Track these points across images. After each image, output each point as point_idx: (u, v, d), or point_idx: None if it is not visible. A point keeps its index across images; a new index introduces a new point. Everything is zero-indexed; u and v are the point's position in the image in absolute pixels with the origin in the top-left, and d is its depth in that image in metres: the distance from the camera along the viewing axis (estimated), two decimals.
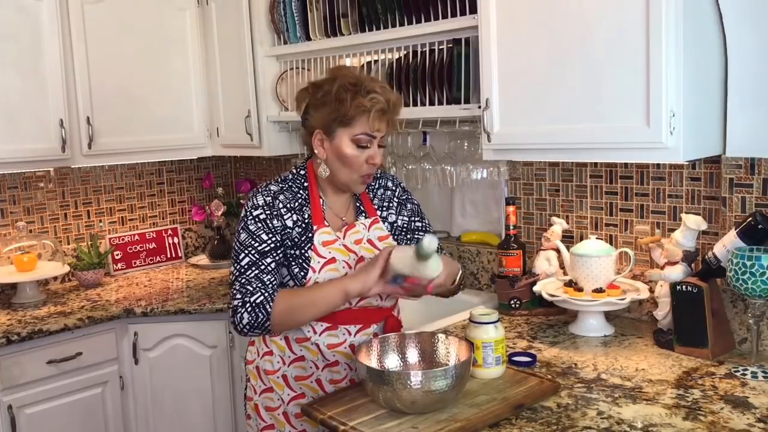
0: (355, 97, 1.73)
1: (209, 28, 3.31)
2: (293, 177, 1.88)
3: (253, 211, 1.80)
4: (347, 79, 1.76)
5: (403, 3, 2.52)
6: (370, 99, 1.73)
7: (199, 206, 3.67)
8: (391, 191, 2.01)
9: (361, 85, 1.75)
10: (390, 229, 1.95)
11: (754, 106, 1.93)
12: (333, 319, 1.82)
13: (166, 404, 2.91)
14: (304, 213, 1.83)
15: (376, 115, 1.75)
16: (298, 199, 1.84)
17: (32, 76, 2.82)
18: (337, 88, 1.75)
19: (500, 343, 1.77)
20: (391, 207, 1.98)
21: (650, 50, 1.81)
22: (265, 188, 1.84)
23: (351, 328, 1.84)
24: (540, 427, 1.55)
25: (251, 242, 1.77)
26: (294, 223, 1.81)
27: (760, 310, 1.80)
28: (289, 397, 1.86)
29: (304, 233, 1.81)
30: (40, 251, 3.09)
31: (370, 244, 1.88)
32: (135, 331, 2.85)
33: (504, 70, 2.15)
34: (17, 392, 2.57)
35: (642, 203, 2.31)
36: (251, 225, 1.79)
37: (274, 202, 1.81)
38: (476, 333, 1.76)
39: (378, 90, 1.75)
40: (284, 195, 1.83)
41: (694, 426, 1.53)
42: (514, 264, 2.47)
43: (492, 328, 1.77)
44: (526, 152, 2.21)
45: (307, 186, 1.87)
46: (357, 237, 1.87)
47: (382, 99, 1.74)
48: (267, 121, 3.14)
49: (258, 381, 1.91)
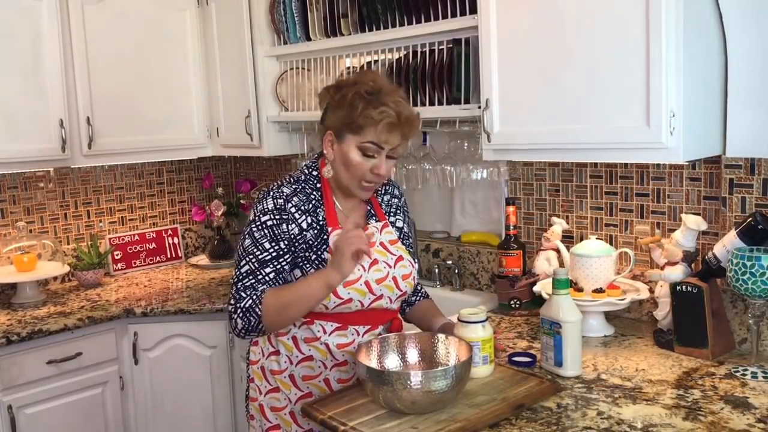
0: (367, 107, 1.73)
1: (209, 28, 3.31)
2: (306, 177, 1.87)
3: (261, 216, 1.79)
4: (365, 87, 1.75)
5: (403, 3, 2.52)
6: (379, 112, 1.72)
7: (199, 206, 3.67)
8: (398, 199, 2.03)
9: (377, 96, 1.74)
10: (399, 235, 1.96)
11: (754, 106, 1.93)
12: (344, 319, 1.82)
13: (166, 404, 2.91)
14: (318, 215, 1.83)
15: (384, 128, 1.73)
16: (311, 201, 1.83)
17: (32, 76, 2.82)
18: (353, 94, 1.75)
19: (487, 343, 1.76)
20: (398, 214, 2.02)
21: (650, 50, 1.81)
22: (278, 190, 1.82)
23: (360, 329, 1.85)
24: (540, 427, 1.55)
25: (253, 250, 1.77)
26: (308, 225, 1.81)
27: (760, 310, 1.80)
28: (296, 396, 1.86)
29: (319, 235, 1.81)
30: (40, 251, 3.09)
31: (382, 247, 1.89)
32: (135, 331, 2.85)
33: (504, 70, 2.15)
34: (17, 392, 2.57)
35: (642, 203, 2.31)
36: (256, 232, 1.78)
37: (285, 206, 1.79)
38: (464, 332, 1.76)
39: (391, 104, 1.73)
40: (298, 197, 1.81)
41: (694, 426, 1.53)
42: (514, 264, 2.47)
43: (480, 327, 1.77)
44: (526, 152, 2.21)
45: (320, 187, 1.86)
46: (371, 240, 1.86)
47: (392, 113, 1.73)
48: (267, 121, 3.14)
49: (263, 381, 1.91)
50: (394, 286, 1.86)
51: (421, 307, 2.07)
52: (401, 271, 1.88)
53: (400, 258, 1.90)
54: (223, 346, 2.89)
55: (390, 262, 1.87)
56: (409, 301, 2.08)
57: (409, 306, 2.08)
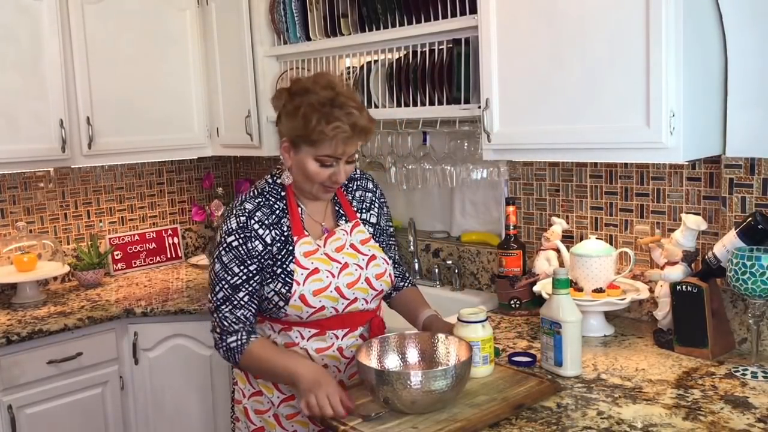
0: (320, 122, 1.67)
1: (209, 28, 3.31)
2: (270, 188, 1.85)
3: (226, 238, 1.77)
4: (317, 97, 1.69)
5: (403, 3, 2.52)
6: (333, 128, 1.67)
7: (199, 206, 3.67)
8: (372, 192, 1.99)
9: (330, 107, 1.68)
10: (372, 231, 1.93)
11: (754, 106, 1.93)
12: (320, 325, 1.82)
13: (166, 404, 2.91)
14: (283, 226, 1.80)
15: (340, 142, 1.70)
16: (275, 212, 1.81)
17: (32, 76, 2.82)
18: (306, 106, 1.70)
19: (487, 342, 1.76)
20: (372, 208, 1.97)
21: (650, 50, 1.81)
22: (240, 207, 1.80)
23: (338, 332, 1.84)
24: (540, 427, 1.55)
25: (224, 275, 1.76)
26: (273, 239, 1.78)
27: (760, 310, 1.80)
28: (279, 399, 1.86)
29: (284, 247, 1.79)
30: (40, 251, 3.09)
31: (353, 249, 1.86)
32: (135, 331, 2.85)
33: (504, 70, 2.15)
34: (17, 392, 2.57)
35: (642, 203, 2.31)
36: (224, 256, 1.77)
37: (248, 222, 1.77)
38: (464, 332, 1.76)
39: (343, 118, 1.67)
40: (261, 212, 1.79)
41: (694, 426, 1.53)
42: (514, 264, 2.47)
43: (480, 327, 1.76)
44: (526, 152, 2.21)
45: (284, 195, 1.84)
46: (338, 244, 1.85)
47: (346, 128, 1.68)
48: (267, 121, 3.14)
49: (246, 384, 1.91)
50: (368, 287, 1.84)
51: (406, 295, 2.04)
52: (374, 270, 1.86)
53: (372, 257, 1.87)
54: None
55: (361, 263, 1.85)
56: (397, 286, 2.05)
57: (396, 291, 2.05)
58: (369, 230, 1.93)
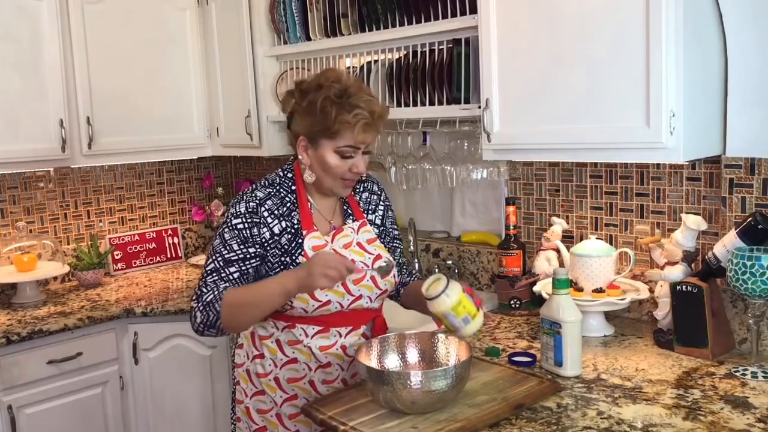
0: (340, 111, 1.72)
1: (209, 28, 3.31)
2: (281, 180, 1.87)
3: (232, 219, 1.80)
4: (332, 90, 1.74)
5: (403, 3, 2.52)
6: (354, 115, 1.72)
7: (199, 206, 3.67)
8: (377, 195, 2.01)
9: (347, 98, 1.73)
10: (378, 232, 1.95)
11: (754, 106, 1.93)
12: (325, 322, 1.82)
13: (166, 404, 2.91)
14: (293, 218, 1.82)
15: (361, 129, 1.74)
16: (285, 204, 1.83)
17: (32, 76, 2.82)
18: (322, 99, 1.73)
19: (459, 305, 1.67)
20: (377, 210, 1.99)
21: (650, 50, 1.81)
22: (251, 194, 1.82)
23: (342, 330, 1.84)
24: (540, 427, 1.55)
25: (221, 249, 1.79)
26: (282, 230, 1.80)
27: (760, 310, 1.80)
28: (281, 399, 1.86)
29: (294, 239, 1.80)
30: (40, 251, 3.09)
31: (359, 247, 1.88)
32: (135, 331, 2.85)
33: (504, 70, 2.15)
34: (17, 392, 2.57)
35: (642, 203, 2.31)
36: (226, 233, 1.79)
37: (258, 209, 1.79)
38: (434, 308, 1.70)
39: (362, 104, 1.73)
40: (271, 201, 1.82)
41: (694, 426, 1.53)
42: (514, 264, 2.47)
43: (444, 298, 1.67)
44: (526, 152, 2.21)
45: (294, 189, 1.86)
46: (346, 241, 1.86)
47: (366, 113, 1.73)
48: (267, 121, 3.14)
49: (249, 384, 1.91)
50: (373, 285, 1.85)
51: (415, 287, 2.00)
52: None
53: (378, 257, 1.88)
54: (223, 346, 2.89)
55: (368, 262, 1.86)
56: (403, 282, 2.05)
57: (403, 286, 2.05)
58: (375, 231, 1.94)
